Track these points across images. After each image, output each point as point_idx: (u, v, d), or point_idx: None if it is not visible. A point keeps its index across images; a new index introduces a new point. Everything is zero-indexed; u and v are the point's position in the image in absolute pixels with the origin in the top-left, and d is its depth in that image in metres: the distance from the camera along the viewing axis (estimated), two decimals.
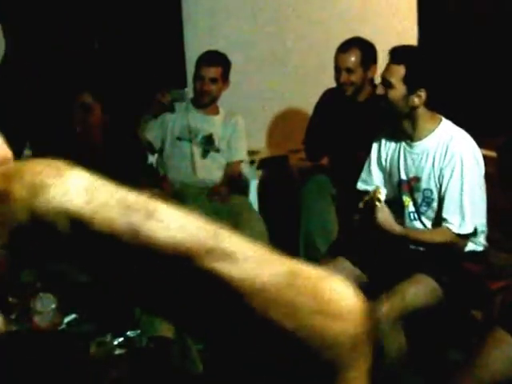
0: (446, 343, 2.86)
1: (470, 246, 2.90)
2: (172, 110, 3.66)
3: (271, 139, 4.83)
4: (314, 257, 3.49)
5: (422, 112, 2.87)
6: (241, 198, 3.74)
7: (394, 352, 2.72)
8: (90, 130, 3.08)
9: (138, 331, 2.38)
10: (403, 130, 2.93)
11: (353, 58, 3.56)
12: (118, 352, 2.30)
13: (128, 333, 2.35)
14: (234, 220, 3.51)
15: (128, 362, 2.29)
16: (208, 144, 3.78)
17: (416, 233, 2.95)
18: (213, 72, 3.66)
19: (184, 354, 3.03)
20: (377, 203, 2.70)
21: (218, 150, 3.80)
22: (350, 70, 3.55)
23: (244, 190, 3.87)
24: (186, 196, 3.68)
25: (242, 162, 3.94)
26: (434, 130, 2.90)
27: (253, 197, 3.88)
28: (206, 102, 3.75)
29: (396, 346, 2.73)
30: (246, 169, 3.99)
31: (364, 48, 3.63)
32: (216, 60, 3.71)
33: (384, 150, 3.08)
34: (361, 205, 2.74)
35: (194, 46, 4.37)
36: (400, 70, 2.79)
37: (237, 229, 2.23)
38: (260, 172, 4.40)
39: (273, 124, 4.82)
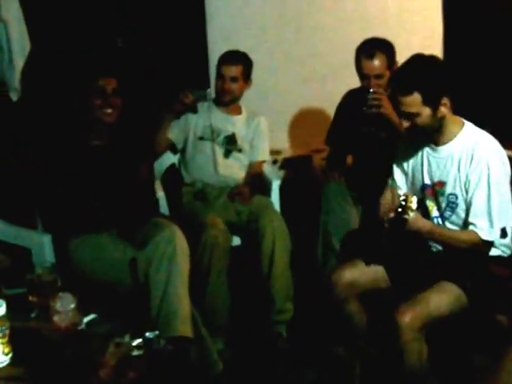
0: (471, 348, 2.82)
1: (497, 251, 2.86)
2: (195, 110, 3.64)
3: (294, 139, 4.82)
4: (331, 257, 3.48)
5: (448, 117, 2.82)
6: (263, 199, 3.71)
7: (415, 361, 2.69)
8: (115, 111, 3.13)
9: (156, 332, 2.36)
10: (428, 134, 2.88)
11: (380, 64, 3.52)
12: (136, 353, 2.29)
13: (146, 334, 2.34)
14: (255, 220, 3.51)
15: (145, 362, 2.28)
16: (230, 144, 3.75)
17: (444, 230, 2.89)
18: (233, 71, 3.64)
19: (203, 354, 3.04)
20: (410, 213, 2.63)
21: (240, 150, 3.78)
22: (378, 76, 3.52)
23: (266, 191, 3.83)
24: (208, 196, 3.68)
25: (264, 162, 3.91)
26: (457, 134, 2.86)
27: (275, 197, 3.83)
28: (227, 100, 3.72)
29: (417, 356, 2.69)
30: (268, 169, 3.97)
31: (387, 50, 3.59)
32: (236, 59, 3.68)
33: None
34: (392, 214, 2.67)
35: (217, 47, 4.35)
36: (415, 99, 2.70)
37: (258, 229, 2.24)
38: (283, 172, 4.39)
39: (296, 124, 4.80)
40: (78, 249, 3.07)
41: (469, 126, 2.89)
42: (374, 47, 3.56)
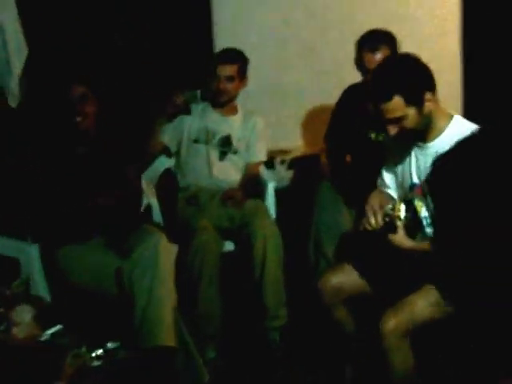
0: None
1: None
2: (188, 111, 3.58)
3: (308, 137, 4.70)
4: (322, 261, 3.37)
5: (436, 111, 2.69)
6: (256, 202, 3.60)
7: (400, 367, 2.59)
8: (86, 118, 3.09)
9: (118, 343, 2.32)
10: (416, 131, 2.75)
11: (383, 57, 3.31)
12: (95, 364, 2.26)
13: (108, 344, 2.30)
14: (247, 225, 3.44)
15: (105, 373, 2.24)
16: (225, 145, 3.68)
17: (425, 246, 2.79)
18: (228, 70, 3.56)
19: (188, 363, 2.98)
20: (398, 222, 2.58)
21: (235, 152, 3.70)
22: None
23: (261, 193, 3.75)
24: (200, 200, 3.62)
25: (261, 163, 3.83)
26: (445, 129, 2.73)
27: (270, 200, 3.73)
28: (222, 101, 3.64)
29: (402, 361, 2.59)
30: (264, 171, 3.88)
31: (391, 43, 3.46)
32: (231, 58, 3.60)
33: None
34: (381, 222, 2.61)
35: (223, 42, 4.29)
36: (397, 102, 2.58)
37: (249, 234, 2.15)
38: (291, 172, 4.30)
39: (305, 122, 4.69)
40: (66, 258, 3.05)
41: (457, 120, 2.76)
42: (378, 40, 3.43)
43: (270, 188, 3.73)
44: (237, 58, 3.63)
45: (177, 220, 3.53)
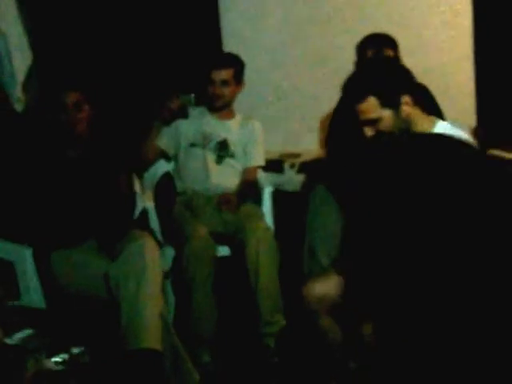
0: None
1: None
2: (184, 115, 3.56)
3: (314, 141, 4.65)
4: (316, 267, 3.30)
5: (414, 116, 2.63)
6: (251, 207, 3.57)
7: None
8: (77, 123, 3.10)
9: (82, 348, 2.32)
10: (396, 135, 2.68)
11: None
12: (57, 368, 2.26)
13: (73, 349, 2.30)
14: (240, 230, 3.40)
15: (66, 378, 2.24)
16: (222, 150, 3.65)
17: None
18: (223, 74, 3.53)
19: (177, 366, 2.97)
20: None
21: (232, 156, 3.66)
22: None
23: (258, 198, 3.70)
24: (195, 205, 3.59)
25: (259, 168, 3.78)
26: None
27: (267, 205, 3.67)
28: (218, 105, 3.61)
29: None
30: (261, 176, 3.82)
31: (394, 47, 3.41)
32: (226, 62, 3.58)
33: None
34: None
35: (231, 47, 4.27)
36: (372, 103, 2.54)
37: (243, 239, 2.14)
38: (301, 176, 4.24)
39: (315, 126, 4.63)
40: (59, 261, 3.07)
41: (441, 125, 2.69)
42: (381, 43, 3.38)
43: (267, 193, 3.68)
44: (232, 62, 3.60)
45: (172, 224, 3.52)
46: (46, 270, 3.12)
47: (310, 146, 4.55)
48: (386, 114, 2.56)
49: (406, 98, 2.57)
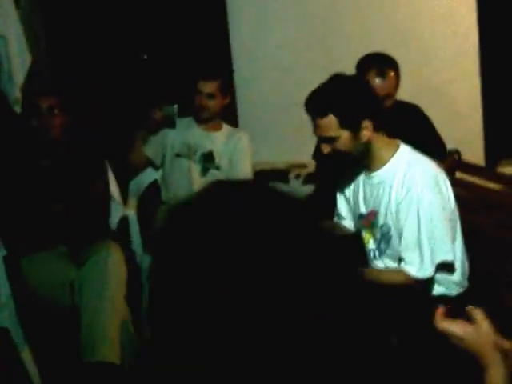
0: None
1: (440, 289, 2.60)
2: (172, 125, 3.52)
3: None
4: None
5: (375, 141, 2.56)
6: None
7: None
8: (51, 128, 3.10)
9: None
10: (361, 160, 2.62)
11: (392, 83, 3.28)
12: None
13: None
14: None
15: None
16: (207, 161, 3.61)
17: (376, 272, 2.65)
18: (209, 87, 3.48)
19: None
20: None
21: (218, 168, 3.62)
22: (390, 95, 3.28)
23: None
24: None
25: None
26: (390, 159, 2.60)
27: None
28: (204, 117, 3.58)
29: None
30: None
31: (396, 66, 3.30)
32: (212, 74, 3.52)
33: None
34: None
35: (241, 56, 4.24)
36: (331, 122, 2.48)
37: None
38: (308, 187, 4.14)
39: None
40: (27, 267, 3.08)
41: (403, 150, 2.63)
42: (384, 64, 3.30)
43: None
44: (218, 74, 3.55)
45: (153, 233, 3.50)
46: (17, 275, 3.13)
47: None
48: (344, 134, 2.50)
49: (366, 123, 2.50)
